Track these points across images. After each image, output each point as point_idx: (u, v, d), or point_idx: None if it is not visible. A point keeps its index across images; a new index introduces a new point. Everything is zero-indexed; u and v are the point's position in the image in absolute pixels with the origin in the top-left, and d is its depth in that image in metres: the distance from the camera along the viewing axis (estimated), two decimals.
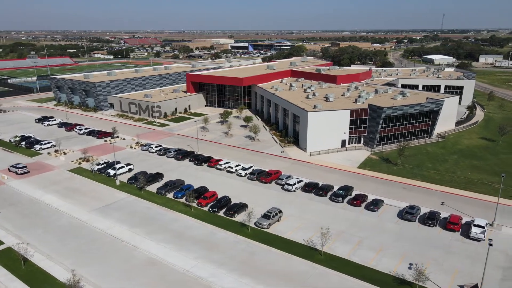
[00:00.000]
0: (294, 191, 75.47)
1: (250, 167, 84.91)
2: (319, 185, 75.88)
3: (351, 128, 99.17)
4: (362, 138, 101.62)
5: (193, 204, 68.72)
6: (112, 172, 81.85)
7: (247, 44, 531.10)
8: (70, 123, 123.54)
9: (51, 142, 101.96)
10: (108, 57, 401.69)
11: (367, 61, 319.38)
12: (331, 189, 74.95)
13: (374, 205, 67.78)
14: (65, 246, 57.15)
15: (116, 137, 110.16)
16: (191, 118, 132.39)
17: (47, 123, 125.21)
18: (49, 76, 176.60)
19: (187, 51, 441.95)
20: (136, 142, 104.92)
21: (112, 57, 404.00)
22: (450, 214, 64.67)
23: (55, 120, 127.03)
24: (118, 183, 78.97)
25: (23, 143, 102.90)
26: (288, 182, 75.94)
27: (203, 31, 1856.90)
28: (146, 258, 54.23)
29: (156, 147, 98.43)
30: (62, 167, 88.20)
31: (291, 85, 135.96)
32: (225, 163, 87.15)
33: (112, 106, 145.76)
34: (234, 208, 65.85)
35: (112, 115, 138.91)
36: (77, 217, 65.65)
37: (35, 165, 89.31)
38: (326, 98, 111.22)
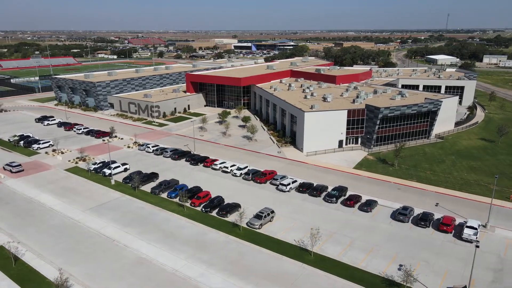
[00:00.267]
0: (288, 191, 75.34)
1: (246, 167, 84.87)
2: (314, 186, 75.70)
3: (348, 129, 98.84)
4: (359, 139, 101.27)
5: (186, 204, 68.82)
6: (107, 171, 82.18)
7: (250, 44, 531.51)
8: (69, 123, 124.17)
9: (49, 141, 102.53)
10: (112, 57, 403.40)
11: (370, 61, 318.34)
12: (325, 189, 74.74)
13: (367, 206, 67.51)
14: (57, 245, 57.41)
15: (114, 136, 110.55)
16: (190, 118, 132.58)
17: (46, 122, 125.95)
18: (51, 76, 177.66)
19: (190, 51, 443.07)
20: (134, 142, 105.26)
21: (115, 57, 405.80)
22: (443, 215, 64.26)
23: (55, 120, 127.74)
24: (113, 182, 79.25)
25: (21, 143, 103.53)
26: (282, 183, 75.82)
27: (208, 31, 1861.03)
28: (136, 257, 54.36)
29: (153, 147, 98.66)
30: (59, 166, 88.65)
31: (290, 85, 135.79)
32: (221, 163, 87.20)
33: (112, 106, 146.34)
34: (227, 208, 65.84)
35: (111, 115, 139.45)
36: (70, 216, 65.94)
37: (32, 164, 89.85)
38: (324, 98, 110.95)
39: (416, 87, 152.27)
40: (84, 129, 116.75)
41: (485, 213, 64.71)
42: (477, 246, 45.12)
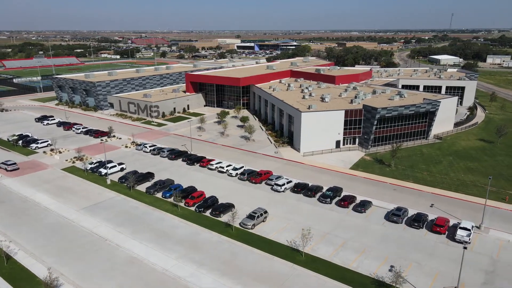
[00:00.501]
0: (283, 191, 75.25)
1: (241, 167, 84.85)
2: (308, 186, 75.58)
3: (345, 129, 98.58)
4: (357, 139, 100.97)
5: (180, 203, 68.90)
6: (104, 171, 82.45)
7: (253, 44, 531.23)
8: (69, 122, 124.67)
9: (47, 141, 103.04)
10: (115, 57, 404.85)
11: (372, 61, 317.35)
12: (320, 190, 74.58)
13: (361, 207, 67.29)
14: (49, 244, 57.66)
15: (112, 136, 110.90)
16: (189, 118, 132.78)
17: (46, 122, 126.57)
18: (52, 76, 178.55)
19: (193, 51, 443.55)
20: (132, 142, 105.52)
21: (118, 57, 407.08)
22: (437, 216, 63.92)
23: (54, 119, 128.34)
24: (109, 182, 79.49)
25: (20, 142, 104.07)
26: (277, 183, 75.73)
27: (211, 31, 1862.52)
28: (128, 257, 54.48)
29: (150, 146, 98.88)
30: (56, 166, 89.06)
31: (289, 85, 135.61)
32: (217, 163, 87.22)
33: (112, 106, 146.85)
34: (220, 208, 65.85)
35: (111, 114, 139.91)
36: (65, 215, 66.21)
37: (30, 164, 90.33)
38: (322, 98, 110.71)
39: (416, 87, 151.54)
40: (83, 128, 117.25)
41: (480, 214, 64.29)
42: (464, 248, 44.84)
